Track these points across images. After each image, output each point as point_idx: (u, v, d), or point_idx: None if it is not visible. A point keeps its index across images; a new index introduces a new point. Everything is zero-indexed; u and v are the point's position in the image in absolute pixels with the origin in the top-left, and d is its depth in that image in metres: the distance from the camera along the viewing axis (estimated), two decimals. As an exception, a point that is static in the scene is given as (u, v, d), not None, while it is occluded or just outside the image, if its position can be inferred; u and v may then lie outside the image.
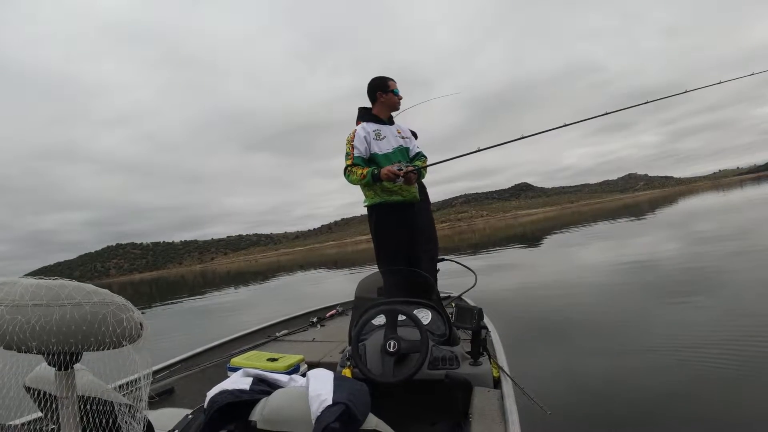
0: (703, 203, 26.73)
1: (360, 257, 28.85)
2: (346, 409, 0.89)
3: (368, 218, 2.88)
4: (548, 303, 5.59)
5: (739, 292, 4.70)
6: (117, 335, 0.70)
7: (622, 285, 6.07)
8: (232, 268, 64.15)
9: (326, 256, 44.61)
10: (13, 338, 0.64)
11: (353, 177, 2.71)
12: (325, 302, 4.06)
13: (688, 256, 7.43)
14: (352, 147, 2.74)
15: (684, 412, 2.40)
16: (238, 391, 1.00)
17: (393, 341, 1.70)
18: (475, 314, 1.98)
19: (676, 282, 5.65)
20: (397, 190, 2.74)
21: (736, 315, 3.90)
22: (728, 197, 27.63)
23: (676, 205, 29.42)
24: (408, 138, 2.99)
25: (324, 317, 3.66)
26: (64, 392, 0.71)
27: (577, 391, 2.81)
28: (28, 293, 0.66)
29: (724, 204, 22.37)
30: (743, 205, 18.77)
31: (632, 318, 4.34)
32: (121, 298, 0.73)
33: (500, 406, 1.56)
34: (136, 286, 41.81)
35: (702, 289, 5.07)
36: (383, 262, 2.85)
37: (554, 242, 16.24)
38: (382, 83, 2.86)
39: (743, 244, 7.56)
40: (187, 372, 2.41)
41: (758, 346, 3.13)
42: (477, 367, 1.80)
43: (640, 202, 55.88)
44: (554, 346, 3.77)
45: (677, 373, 2.87)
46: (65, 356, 0.70)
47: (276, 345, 2.96)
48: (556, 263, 9.77)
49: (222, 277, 35.27)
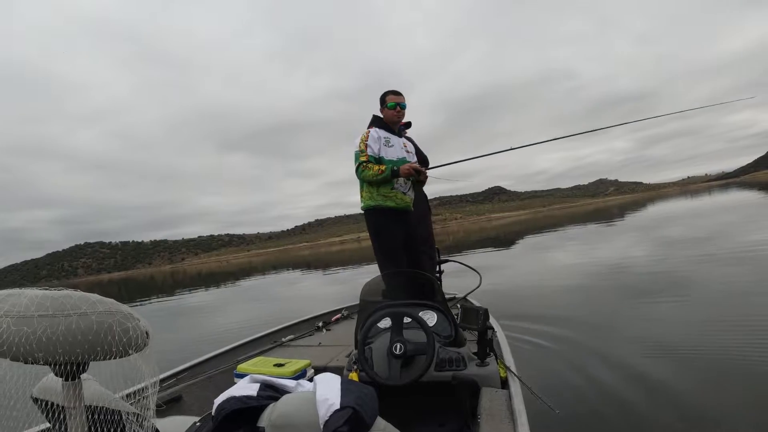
0: (670, 208, 27.57)
1: (333, 259, 28.93)
2: (354, 413, 0.88)
3: (366, 221, 2.95)
4: (522, 304, 5.65)
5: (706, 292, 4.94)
6: (123, 344, 0.70)
7: (593, 287, 6.28)
8: (203, 269, 63.96)
9: (299, 258, 44.55)
10: (20, 350, 0.64)
11: (369, 172, 2.78)
12: (305, 305, 4.06)
13: (654, 260, 7.81)
14: (366, 146, 2.84)
15: (680, 411, 2.39)
16: (245, 397, 1.00)
17: (399, 344, 1.70)
18: (480, 315, 1.98)
19: (648, 283, 5.88)
20: (392, 197, 2.84)
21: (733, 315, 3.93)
22: (695, 203, 28.60)
23: (645, 211, 30.36)
24: (411, 153, 3.09)
25: (329, 321, 3.66)
26: (71, 402, 0.71)
27: (582, 391, 2.80)
28: (34, 304, 0.66)
29: (690, 209, 23.21)
30: (709, 211, 19.44)
31: (601, 319, 4.48)
32: (126, 306, 0.73)
33: (508, 406, 1.56)
34: (104, 287, 40.35)
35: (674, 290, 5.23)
36: (383, 261, 2.90)
37: (527, 245, 16.62)
38: (382, 98, 2.98)
39: (707, 249, 7.94)
40: (194, 379, 2.41)
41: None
42: (484, 368, 1.79)
43: (610, 207, 57.37)
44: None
45: (672, 372, 2.86)
46: (72, 366, 0.70)
47: (282, 350, 2.96)
48: (528, 266, 10.00)
49: (192, 277, 35.11)
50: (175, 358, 3.55)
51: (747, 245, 7.59)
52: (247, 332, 3.33)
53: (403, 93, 2.96)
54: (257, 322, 6.68)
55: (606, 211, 42.75)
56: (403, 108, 2.95)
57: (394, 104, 2.92)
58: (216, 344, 2.93)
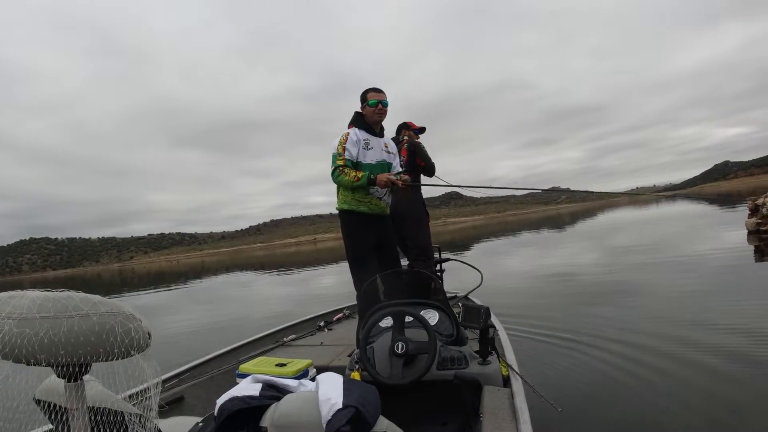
0: (619, 217, 28.51)
1: (288, 260, 28.88)
2: (356, 412, 0.88)
3: (340, 222, 2.95)
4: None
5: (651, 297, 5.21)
6: (125, 345, 0.70)
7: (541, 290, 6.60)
8: (153, 269, 63.52)
9: (253, 259, 44.28)
10: (22, 351, 0.64)
11: (345, 178, 2.73)
12: (259, 308, 4.08)
13: (601, 265, 8.26)
14: (344, 149, 2.77)
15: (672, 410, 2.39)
16: (247, 397, 1.00)
17: (401, 343, 1.70)
18: (482, 313, 1.97)
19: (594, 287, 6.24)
20: (366, 202, 2.82)
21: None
22: (643, 212, 29.31)
23: (595, 218, 31.49)
24: (393, 154, 3.04)
25: (331, 321, 3.66)
26: (74, 404, 0.71)
27: (582, 388, 2.80)
28: (36, 306, 0.66)
29: (638, 218, 24.07)
30: (655, 220, 20.22)
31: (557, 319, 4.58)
32: (128, 307, 0.73)
33: (510, 404, 1.55)
34: (49, 285, 41.78)
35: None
36: (351, 264, 2.91)
37: (481, 250, 16.96)
38: (363, 95, 2.89)
39: (650, 256, 8.44)
40: (196, 380, 2.41)
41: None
42: (486, 366, 1.79)
43: (562, 215, 58.67)
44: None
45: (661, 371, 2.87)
46: (74, 368, 0.70)
47: (284, 350, 2.96)
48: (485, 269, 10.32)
49: (141, 277, 34.94)
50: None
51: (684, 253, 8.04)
52: (193, 338, 3.32)
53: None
54: (203, 327, 6.89)
55: (558, 218, 44.20)
56: (385, 105, 2.86)
57: (376, 101, 2.84)
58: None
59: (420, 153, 3.61)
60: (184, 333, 6.79)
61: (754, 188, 33.82)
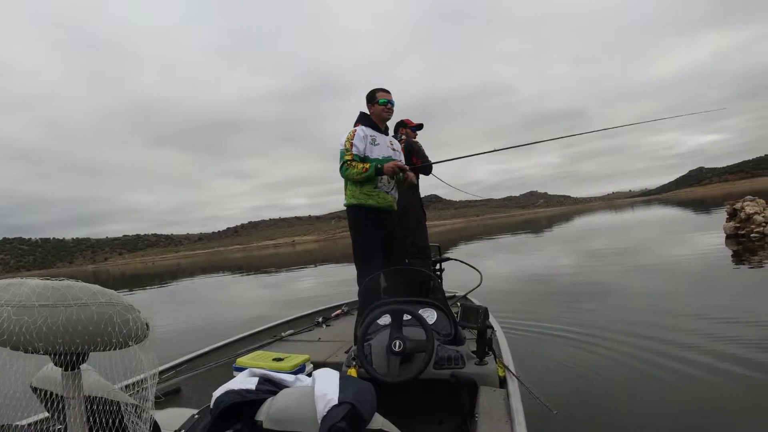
0: (595, 221, 28.73)
1: (266, 262, 28.77)
2: (352, 409, 0.88)
3: (347, 218, 2.98)
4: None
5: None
6: (123, 335, 0.70)
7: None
8: (128, 270, 62.90)
9: (231, 260, 44.01)
10: (20, 339, 0.64)
11: (353, 170, 2.80)
12: (235, 311, 4.06)
13: (576, 267, 8.47)
14: (351, 144, 2.85)
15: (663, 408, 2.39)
16: (244, 390, 1.00)
17: (398, 341, 1.70)
18: (480, 314, 1.97)
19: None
20: (374, 195, 2.85)
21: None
22: (619, 217, 29.74)
23: (571, 222, 31.61)
24: (398, 152, 3.10)
25: (329, 317, 3.67)
26: (70, 392, 0.71)
27: (577, 390, 2.80)
28: (35, 294, 0.66)
29: (613, 222, 24.42)
30: (630, 224, 20.54)
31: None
32: (127, 298, 0.74)
33: (506, 405, 1.56)
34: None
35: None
36: (359, 260, 2.92)
37: (461, 253, 16.75)
38: (371, 94, 2.99)
39: (624, 259, 8.61)
40: (193, 372, 2.42)
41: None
42: (483, 367, 1.79)
43: (540, 218, 58.76)
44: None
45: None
46: (72, 357, 0.70)
47: (282, 345, 2.97)
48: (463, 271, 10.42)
49: (116, 278, 34.58)
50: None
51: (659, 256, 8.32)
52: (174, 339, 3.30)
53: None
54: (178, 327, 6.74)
55: (536, 222, 44.27)
56: (392, 105, 2.98)
57: (385, 101, 2.95)
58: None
59: (417, 152, 3.63)
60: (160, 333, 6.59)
61: (728, 194, 34.24)
